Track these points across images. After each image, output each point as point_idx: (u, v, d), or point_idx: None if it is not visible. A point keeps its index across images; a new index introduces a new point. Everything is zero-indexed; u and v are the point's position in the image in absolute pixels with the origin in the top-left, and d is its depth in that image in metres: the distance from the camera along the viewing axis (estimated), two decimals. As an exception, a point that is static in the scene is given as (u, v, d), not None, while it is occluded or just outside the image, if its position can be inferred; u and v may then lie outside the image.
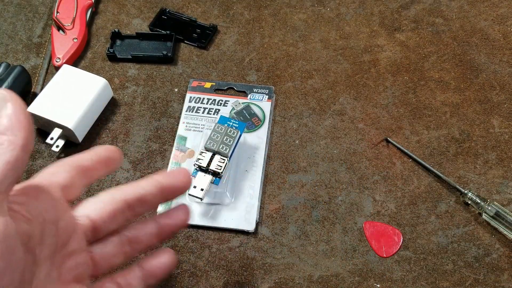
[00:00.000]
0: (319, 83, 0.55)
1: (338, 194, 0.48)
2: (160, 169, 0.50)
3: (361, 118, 0.53)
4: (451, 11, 0.61)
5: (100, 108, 0.53)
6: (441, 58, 0.57)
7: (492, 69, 0.56)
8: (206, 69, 0.57)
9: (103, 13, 0.61)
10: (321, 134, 0.52)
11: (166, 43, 0.58)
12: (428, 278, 0.44)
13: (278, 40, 0.59)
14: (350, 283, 0.44)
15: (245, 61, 0.57)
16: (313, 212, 0.47)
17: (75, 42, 0.56)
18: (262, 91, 0.54)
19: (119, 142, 0.52)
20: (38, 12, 0.61)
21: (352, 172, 0.49)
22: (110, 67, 0.57)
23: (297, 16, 0.61)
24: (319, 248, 0.45)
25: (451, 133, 0.52)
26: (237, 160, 0.49)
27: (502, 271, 0.44)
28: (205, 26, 0.59)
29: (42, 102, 0.50)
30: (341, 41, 0.58)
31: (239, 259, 0.45)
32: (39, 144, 0.52)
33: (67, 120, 0.49)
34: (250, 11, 0.61)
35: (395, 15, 0.60)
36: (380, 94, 0.54)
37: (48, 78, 0.56)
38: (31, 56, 0.58)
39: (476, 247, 0.45)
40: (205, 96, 0.54)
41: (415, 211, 0.47)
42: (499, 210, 0.45)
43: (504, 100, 0.54)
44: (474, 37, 0.58)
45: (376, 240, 0.45)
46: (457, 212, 0.47)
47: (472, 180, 0.49)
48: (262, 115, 0.53)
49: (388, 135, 0.51)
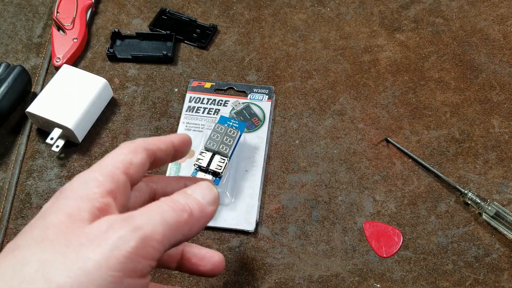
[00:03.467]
0: (319, 83, 0.55)
1: (338, 194, 0.48)
2: (160, 169, 0.50)
3: (361, 118, 0.53)
4: (451, 11, 0.61)
5: (100, 108, 0.53)
6: (441, 58, 0.57)
7: (492, 69, 0.56)
8: (206, 69, 0.57)
9: (103, 13, 0.61)
10: (321, 134, 0.52)
11: (166, 43, 0.58)
12: (428, 278, 0.44)
13: (278, 40, 0.59)
14: (350, 283, 0.44)
15: (245, 61, 0.57)
16: (313, 212, 0.47)
17: (75, 42, 0.56)
18: (262, 91, 0.54)
19: (119, 142, 0.52)
20: (38, 12, 0.61)
21: (352, 172, 0.49)
22: (110, 67, 0.57)
23: (297, 16, 0.61)
24: (319, 248, 0.45)
25: (451, 133, 0.52)
26: (237, 160, 0.49)
27: (502, 271, 0.44)
28: (205, 26, 0.59)
29: (42, 102, 0.50)
30: (341, 41, 0.58)
31: (239, 259, 0.45)
32: (39, 144, 0.52)
33: (67, 120, 0.49)
34: (250, 11, 0.61)
35: (395, 15, 0.60)
36: (380, 94, 0.54)
37: (48, 78, 0.56)
38: (31, 56, 0.58)
39: (476, 247, 0.45)
40: (205, 96, 0.54)
41: (415, 211, 0.47)
42: (499, 210, 0.45)
43: (504, 100, 0.54)
44: (474, 37, 0.58)
45: (376, 240, 0.45)
46: (457, 212, 0.47)
47: (472, 180, 0.49)
48: (262, 115, 0.53)
49: (388, 135, 0.51)
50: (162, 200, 0.25)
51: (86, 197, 0.24)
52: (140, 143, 0.29)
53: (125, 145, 0.29)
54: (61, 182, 0.49)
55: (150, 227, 0.23)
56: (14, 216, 0.47)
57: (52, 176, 0.50)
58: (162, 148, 0.30)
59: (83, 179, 0.26)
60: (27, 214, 0.47)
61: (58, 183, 0.49)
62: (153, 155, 0.29)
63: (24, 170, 0.50)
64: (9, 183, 0.49)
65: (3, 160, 0.51)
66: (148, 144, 0.29)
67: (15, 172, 0.50)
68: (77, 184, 0.26)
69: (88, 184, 0.25)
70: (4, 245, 0.46)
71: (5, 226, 0.47)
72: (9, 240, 0.46)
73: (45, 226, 0.24)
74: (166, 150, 0.30)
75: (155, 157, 0.30)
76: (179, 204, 0.25)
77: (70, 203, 0.24)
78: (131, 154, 0.28)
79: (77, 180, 0.26)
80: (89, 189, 0.25)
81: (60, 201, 0.25)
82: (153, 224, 0.23)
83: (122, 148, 0.29)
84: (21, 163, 0.50)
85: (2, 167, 0.50)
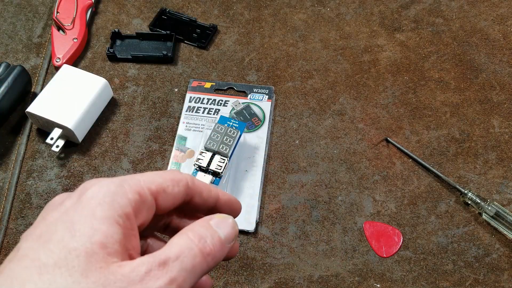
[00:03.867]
0: (319, 83, 0.55)
1: (338, 194, 0.48)
2: (160, 169, 0.50)
3: (361, 118, 0.53)
4: (451, 11, 0.61)
5: (100, 108, 0.53)
6: (441, 58, 0.57)
7: (492, 69, 0.56)
8: (206, 69, 0.57)
9: (103, 13, 0.61)
10: (321, 134, 0.52)
11: (166, 43, 0.58)
12: (428, 278, 0.44)
13: (278, 40, 0.59)
14: (350, 283, 0.44)
15: (245, 61, 0.57)
16: (313, 212, 0.47)
17: (75, 42, 0.56)
18: (262, 91, 0.54)
19: (119, 142, 0.52)
20: (38, 12, 0.61)
21: (352, 172, 0.49)
22: (110, 67, 0.57)
23: (297, 16, 0.61)
24: (319, 248, 0.45)
25: (451, 133, 0.52)
26: (237, 160, 0.49)
27: (502, 271, 0.44)
28: (205, 26, 0.59)
29: (42, 102, 0.50)
30: (341, 41, 0.58)
31: (239, 259, 0.45)
32: (39, 144, 0.52)
33: (67, 120, 0.49)
34: (250, 11, 0.61)
35: (395, 15, 0.60)
36: (380, 94, 0.54)
37: (48, 78, 0.56)
38: (31, 56, 0.58)
39: (476, 247, 0.45)
40: (205, 96, 0.54)
41: (415, 211, 0.47)
42: (499, 210, 0.45)
43: (504, 100, 0.54)
44: (474, 37, 0.58)
45: (376, 240, 0.45)
46: (457, 212, 0.47)
47: (472, 180, 0.49)
48: (262, 115, 0.53)
49: (388, 135, 0.51)
50: (191, 239, 0.24)
51: (116, 219, 0.22)
52: (186, 177, 0.27)
53: (171, 172, 0.27)
54: (61, 182, 0.49)
55: (182, 277, 0.23)
56: (14, 216, 0.47)
57: (52, 176, 0.50)
58: (204, 195, 0.27)
59: (112, 191, 0.23)
60: (27, 214, 0.47)
61: (58, 183, 0.49)
62: (190, 195, 0.27)
63: (24, 170, 0.50)
64: (9, 183, 0.49)
65: (3, 160, 0.51)
66: (193, 182, 0.27)
67: (15, 172, 0.50)
68: (103, 195, 0.23)
69: (118, 201, 0.23)
70: (4, 245, 0.46)
71: (5, 226, 0.47)
72: (9, 240, 0.46)
73: (70, 247, 0.21)
74: (206, 199, 0.28)
75: (190, 199, 0.27)
76: (207, 246, 0.25)
77: (100, 226, 0.22)
78: (170, 182, 0.26)
79: (105, 187, 0.23)
80: (119, 208, 0.23)
81: (85, 212, 0.22)
82: (185, 275, 0.23)
83: (167, 172, 0.26)
84: (21, 163, 0.50)
85: (2, 167, 0.50)
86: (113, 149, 0.51)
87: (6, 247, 0.46)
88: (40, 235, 0.21)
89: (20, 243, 0.22)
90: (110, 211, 0.22)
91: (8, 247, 0.46)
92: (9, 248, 0.46)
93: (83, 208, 0.22)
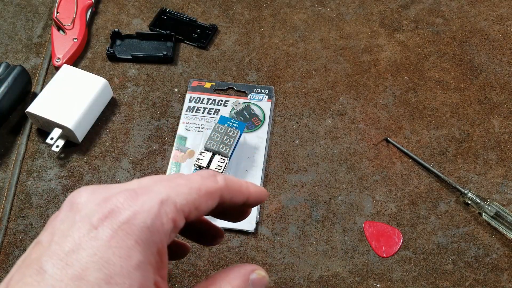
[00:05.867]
0: (319, 83, 0.55)
1: (338, 194, 0.48)
2: (160, 169, 0.50)
3: (361, 118, 0.53)
4: (451, 11, 0.61)
5: (100, 108, 0.53)
6: (441, 58, 0.57)
7: (492, 69, 0.56)
8: (206, 69, 0.57)
9: (103, 13, 0.61)
10: (321, 134, 0.52)
11: (166, 43, 0.58)
12: (428, 278, 0.44)
13: (278, 40, 0.59)
14: (350, 283, 0.44)
15: (245, 61, 0.57)
16: (313, 212, 0.47)
17: (75, 42, 0.56)
18: (262, 91, 0.54)
19: (119, 142, 0.52)
20: (38, 12, 0.61)
21: (352, 172, 0.49)
22: (110, 67, 0.57)
23: (297, 16, 0.61)
24: (319, 248, 0.45)
25: (451, 133, 0.52)
26: (237, 160, 0.49)
27: (502, 271, 0.44)
28: (205, 26, 0.59)
29: (42, 102, 0.50)
30: (341, 41, 0.58)
31: (239, 259, 0.45)
32: (39, 144, 0.52)
33: (67, 120, 0.49)
34: (250, 11, 0.61)
35: (395, 15, 0.60)
36: (380, 94, 0.54)
37: (48, 78, 0.56)
38: (31, 56, 0.58)
39: (476, 247, 0.45)
40: (205, 96, 0.54)
41: (415, 211, 0.47)
42: (499, 210, 0.45)
43: (504, 100, 0.54)
44: (474, 37, 0.58)
45: (376, 240, 0.45)
46: (457, 212, 0.47)
47: (472, 180, 0.49)
48: (262, 115, 0.53)
49: (388, 135, 0.51)
50: None
51: (150, 260, 0.20)
52: (221, 187, 0.24)
53: (205, 182, 0.24)
54: (61, 182, 0.49)
55: None
56: (14, 216, 0.47)
57: (52, 176, 0.50)
58: (236, 199, 0.26)
59: (148, 224, 0.20)
60: (27, 214, 0.47)
61: (58, 183, 0.49)
62: (222, 201, 0.25)
63: (24, 170, 0.50)
64: (9, 183, 0.49)
65: (3, 160, 0.51)
66: (228, 188, 0.25)
67: (15, 172, 0.50)
68: (140, 231, 0.20)
69: (153, 239, 0.20)
70: (4, 245, 0.46)
71: (5, 226, 0.47)
72: (9, 240, 0.46)
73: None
74: (237, 200, 0.26)
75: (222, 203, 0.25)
76: None
77: (136, 275, 0.19)
78: (204, 198, 0.23)
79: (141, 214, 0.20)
80: (155, 245, 0.20)
81: (121, 253, 0.19)
82: None
83: (202, 184, 0.24)
84: (21, 163, 0.50)
85: (2, 167, 0.50)
86: (113, 149, 0.51)
87: (6, 247, 0.46)
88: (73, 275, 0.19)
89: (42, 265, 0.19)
90: (146, 251, 0.20)
91: (8, 247, 0.46)
92: (9, 248, 0.46)
93: (117, 246, 0.19)
